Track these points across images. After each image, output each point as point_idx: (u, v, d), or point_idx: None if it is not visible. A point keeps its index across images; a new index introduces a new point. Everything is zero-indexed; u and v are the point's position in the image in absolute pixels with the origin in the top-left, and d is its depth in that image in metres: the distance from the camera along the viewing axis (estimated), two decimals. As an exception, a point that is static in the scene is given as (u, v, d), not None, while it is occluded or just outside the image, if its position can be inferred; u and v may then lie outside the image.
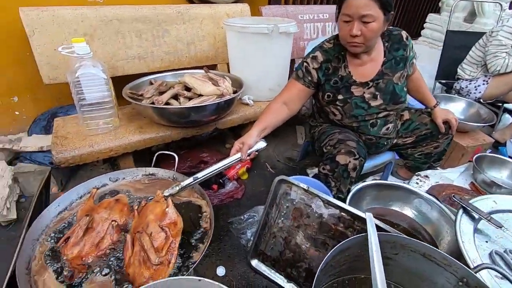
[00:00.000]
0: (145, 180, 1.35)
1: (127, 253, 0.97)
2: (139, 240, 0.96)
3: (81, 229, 1.02)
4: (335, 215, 1.26)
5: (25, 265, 0.93)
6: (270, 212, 1.41)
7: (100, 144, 1.46)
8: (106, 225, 1.07)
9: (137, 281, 0.90)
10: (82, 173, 1.96)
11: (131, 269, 0.93)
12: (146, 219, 1.03)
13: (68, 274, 0.91)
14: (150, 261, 0.91)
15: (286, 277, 1.39)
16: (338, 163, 1.39)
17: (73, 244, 1.00)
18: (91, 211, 1.11)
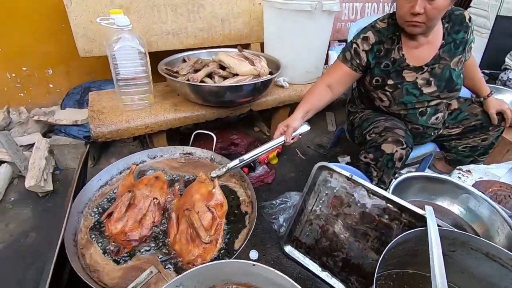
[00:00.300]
0: (182, 159, 1.32)
1: (172, 230, 0.95)
2: (187, 217, 0.94)
3: (124, 205, 1.01)
4: (380, 206, 1.20)
5: (72, 237, 0.93)
6: (308, 199, 1.36)
7: (136, 120, 1.43)
8: (147, 202, 1.06)
9: (184, 258, 0.89)
10: (113, 149, 1.96)
11: (177, 246, 0.91)
12: (192, 198, 1.00)
13: (115, 249, 0.90)
14: (201, 239, 0.89)
15: (321, 266, 1.36)
16: (383, 152, 1.31)
17: (116, 220, 0.99)
18: (132, 187, 1.09)
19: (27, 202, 1.57)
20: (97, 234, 0.97)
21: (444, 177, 1.42)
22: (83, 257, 0.89)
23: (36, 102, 2.00)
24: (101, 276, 0.84)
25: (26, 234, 1.42)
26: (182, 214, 0.98)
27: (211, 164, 1.31)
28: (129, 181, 1.12)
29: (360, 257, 1.25)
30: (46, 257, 1.31)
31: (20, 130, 1.81)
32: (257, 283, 0.80)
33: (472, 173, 1.75)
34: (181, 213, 0.98)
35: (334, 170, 1.29)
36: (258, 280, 0.79)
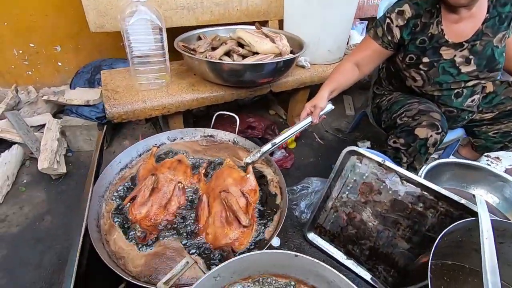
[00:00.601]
0: (203, 141, 1.25)
1: (203, 213, 0.89)
2: (224, 200, 0.89)
3: (148, 189, 0.95)
4: (415, 193, 1.13)
5: (94, 222, 0.88)
6: (334, 185, 1.30)
7: (153, 100, 1.35)
8: (171, 186, 1.00)
9: (219, 241, 0.84)
10: (125, 131, 1.90)
11: (211, 229, 0.86)
12: (225, 182, 0.95)
13: (141, 235, 0.84)
14: (241, 221, 0.85)
15: (346, 254, 1.31)
16: (416, 136, 1.23)
17: (140, 204, 0.93)
18: (155, 171, 1.03)
19: (40, 184, 1.52)
20: (120, 219, 0.91)
21: (478, 164, 1.35)
22: (107, 243, 0.84)
23: (44, 81, 1.92)
24: (126, 263, 0.80)
25: (41, 217, 1.38)
26: (214, 197, 0.93)
27: (234, 147, 1.24)
28: (150, 164, 1.06)
29: (389, 246, 1.20)
30: (63, 241, 1.29)
31: (30, 110, 1.74)
32: (296, 275, 0.75)
33: (501, 160, 1.67)
34: (213, 196, 0.93)
35: (364, 155, 1.21)
36: (298, 271, 0.74)
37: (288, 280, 0.76)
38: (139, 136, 1.85)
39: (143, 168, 1.05)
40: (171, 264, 0.79)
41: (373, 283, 1.23)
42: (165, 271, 0.78)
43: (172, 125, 1.52)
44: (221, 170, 1.03)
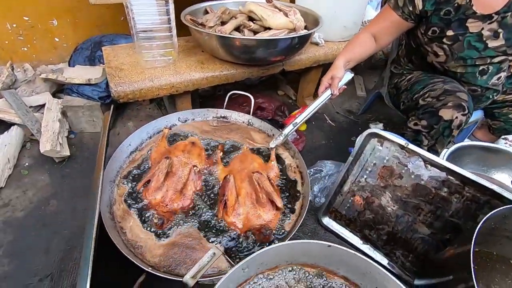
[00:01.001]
0: (214, 122, 1.18)
1: (231, 193, 0.85)
2: (258, 181, 0.85)
3: (162, 173, 0.89)
4: (439, 178, 1.08)
5: (107, 209, 0.82)
6: (352, 169, 1.25)
7: (160, 79, 1.27)
8: (186, 170, 0.94)
9: (251, 222, 0.82)
10: (129, 112, 1.82)
11: (242, 209, 0.82)
12: (252, 166, 0.91)
13: (159, 222, 0.79)
14: (276, 203, 0.84)
15: (362, 238, 1.28)
16: (440, 118, 1.17)
17: (155, 189, 0.88)
18: (168, 154, 0.97)
19: (43, 167, 1.46)
20: (133, 205, 0.86)
21: (501, 147, 1.30)
22: (122, 230, 0.79)
23: (41, 58, 1.81)
24: (144, 253, 0.75)
25: (46, 202, 1.32)
26: (242, 179, 0.89)
27: (246, 128, 1.18)
28: (163, 146, 1.00)
29: (409, 231, 1.16)
30: (71, 226, 1.24)
31: (28, 90, 1.65)
32: (326, 264, 0.71)
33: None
34: (240, 177, 0.89)
35: (386, 138, 1.15)
36: (328, 261, 0.70)
37: (317, 270, 0.72)
38: (145, 117, 1.77)
39: (155, 151, 0.98)
40: (191, 253, 0.75)
41: (390, 268, 1.21)
42: (185, 261, 0.74)
43: (180, 106, 1.44)
44: (243, 154, 0.98)
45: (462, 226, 1.05)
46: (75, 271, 1.11)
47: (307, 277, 0.71)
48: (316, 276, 0.70)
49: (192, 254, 0.75)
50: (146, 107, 1.85)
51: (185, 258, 0.74)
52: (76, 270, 1.11)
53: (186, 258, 0.74)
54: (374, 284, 0.65)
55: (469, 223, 1.04)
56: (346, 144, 1.78)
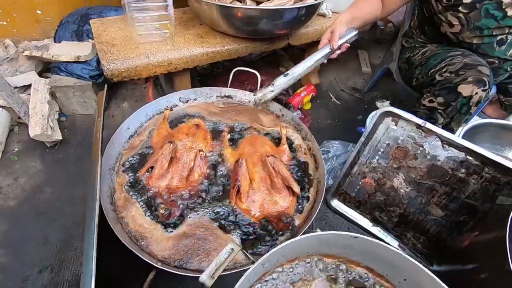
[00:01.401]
0: (220, 103, 1.10)
1: (244, 178, 0.78)
2: (273, 165, 0.80)
3: (166, 159, 0.82)
4: (457, 158, 1.03)
5: (108, 199, 0.75)
6: (363, 150, 1.19)
7: (156, 55, 1.16)
8: (191, 155, 0.87)
9: (268, 209, 0.77)
10: (124, 92, 1.70)
11: (257, 196, 0.77)
12: (263, 149, 0.84)
13: (165, 213, 0.73)
14: (294, 188, 0.79)
15: (372, 221, 1.25)
16: (459, 94, 1.10)
17: (158, 176, 0.80)
18: (171, 138, 0.89)
19: (34, 153, 1.37)
20: (136, 193, 0.79)
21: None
22: (124, 220, 0.73)
23: (23, 33, 1.65)
24: (150, 244, 0.69)
25: (40, 189, 1.25)
26: (254, 163, 0.83)
27: (254, 110, 1.10)
28: (164, 129, 0.92)
29: (421, 213, 1.13)
30: (67, 214, 1.18)
31: (10, 69, 1.52)
32: (349, 255, 0.66)
33: (531, 119, 1.57)
34: (252, 161, 0.83)
35: (402, 117, 1.09)
36: (351, 251, 0.65)
37: (337, 260, 0.67)
38: (147, 97, 1.66)
39: (157, 134, 0.90)
40: (204, 245, 0.70)
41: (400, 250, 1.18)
42: (198, 254, 0.68)
43: (179, 85, 1.34)
44: (253, 137, 0.91)
45: (479, 207, 1.02)
46: (76, 261, 1.06)
47: (328, 268, 0.66)
48: (338, 267, 0.66)
49: (205, 245, 0.70)
50: (141, 86, 1.74)
51: (198, 250, 0.69)
52: (76, 260, 1.06)
53: (199, 250, 0.69)
54: (402, 275, 0.61)
55: (486, 204, 1.01)
56: (352, 123, 1.71)
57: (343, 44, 1.09)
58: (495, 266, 0.69)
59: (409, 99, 1.85)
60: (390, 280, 0.64)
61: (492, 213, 0.99)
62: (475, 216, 1.03)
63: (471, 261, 0.90)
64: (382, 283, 0.64)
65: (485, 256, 0.84)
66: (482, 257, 0.88)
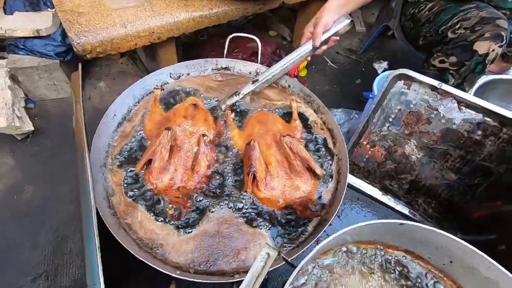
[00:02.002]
0: (217, 76, 0.96)
1: (260, 162, 0.69)
2: (290, 146, 0.71)
3: (165, 148, 0.70)
4: (474, 120, 0.98)
5: (105, 202, 0.64)
6: (372, 117, 1.11)
7: (135, 24, 0.98)
8: (194, 141, 0.75)
9: (291, 196, 0.70)
10: (97, 70, 1.50)
11: (276, 182, 0.69)
12: (275, 127, 0.75)
13: (175, 213, 0.63)
14: (316, 171, 0.71)
15: (382, 189, 1.21)
16: (475, 52, 1.03)
17: (159, 170, 0.69)
18: (167, 123, 0.76)
19: (3, 148, 1.19)
20: (138, 193, 0.68)
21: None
22: (130, 228, 0.62)
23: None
24: (167, 252, 0.60)
25: (19, 188, 1.10)
26: (267, 144, 0.74)
27: (257, 81, 0.97)
28: (157, 113, 0.79)
29: (433, 178, 1.10)
30: (55, 213, 1.06)
31: (-45, 50, 1.27)
32: (388, 240, 0.60)
33: (531, 72, 1.54)
34: (265, 143, 0.74)
35: (415, 79, 1.01)
36: (389, 237, 0.59)
37: (375, 246, 0.61)
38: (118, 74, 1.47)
39: (150, 120, 0.77)
40: (231, 243, 0.62)
41: (411, 216, 1.17)
42: (225, 253, 0.61)
43: (163, 57, 1.17)
44: (261, 114, 0.81)
45: (494, 169, 0.99)
46: (72, 264, 0.96)
47: (364, 255, 0.61)
48: (376, 253, 0.60)
49: (232, 244, 0.61)
50: (117, 62, 1.54)
51: (224, 249, 0.61)
52: (73, 263, 0.96)
53: (225, 250, 0.60)
54: (448, 258, 0.56)
55: (502, 166, 0.98)
56: (351, 87, 1.62)
57: (331, 37, 0.88)
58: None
59: (408, 59, 1.77)
60: (433, 263, 0.59)
61: (508, 174, 0.97)
62: (489, 178, 1.01)
63: (488, 231, 0.89)
64: (427, 268, 0.59)
65: (504, 228, 0.82)
66: (500, 228, 0.87)
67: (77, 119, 0.70)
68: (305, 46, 0.90)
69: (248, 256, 0.61)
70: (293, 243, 0.63)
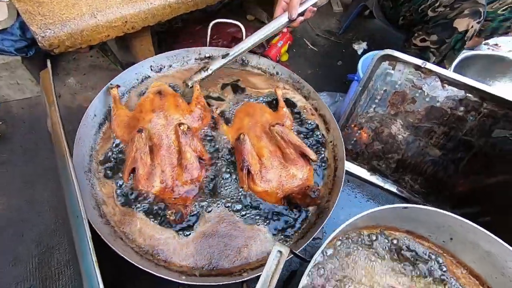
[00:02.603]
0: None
1: (252, 156, 0.67)
2: (281, 134, 0.69)
3: (144, 153, 0.66)
4: (457, 97, 1.01)
5: (96, 212, 0.59)
6: (359, 100, 1.12)
7: (105, 13, 0.89)
8: (171, 134, 0.71)
9: (288, 185, 0.68)
10: (65, 65, 1.38)
11: (272, 174, 0.67)
12: (264, 118, 0.74)
13: (177, 217, 0.60)
14: (310, 156, 0.69)
15: (370, 170, 1.24)
16: (455, 30, 1.04)
17: (146, 176, 0.65)
18: (136, 123, 0.71)
19: (-34, 157, 1.08)
20: (132, 199, 0.63)
21: (506, 55, 1.25)
22: (127, 237, 0.58)
23: None
24: (169, 257, 0.57)
25: (-10, 201, 1.01)
26: (257, 136, 0.72)
27: (242, 71, 0.93)
28: (123, 115, 0.73)
29: (419, 156, 1.14)
30: (35, 224, 0.98)
31: None
32: (387, 223, 0.61)
33: (501, 46, 1.60)
34: (254, 135, 0.72)
35: (400, 59, 1.01)
36: (391, 219, 0.60)
37: (378, 230, 0.62)
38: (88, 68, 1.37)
39: (118, 125, 0.71)
40: (230, 242, 0.60)
41: (399, 193, 1.21)
42: (226, 253, 0.59)
43: (139, 48, 1.09)
44: (248, 105, 0.78)
45: (475, 143, 1.04)
46: (62, 275, 0.91)
47: (364, 238, 0.61)
48: (378, 236, 0.61)
49: (232, 242, 0.59)
50: (86, 55, 1.42)
51: (225, 249, 0.59)
52: (62, 274, 0.91)
53: (226, 250, 0.58)
54: (448, 235, 0.58)
55: (482, 139, 1.02)
56: (333, 70, 1.62)
57: (308, 9, 0.84)
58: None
59: (387, 38, 1.78)
60: (433, 241, 0.61)
61: (487, 146, 1.02)
62: (470, 151, 1.06)
63: (473, 204, 0.94)
64: (428, 246, 0.61)
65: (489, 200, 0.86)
66: (485, 200, 0.92)
67: (53, 123, 0.63)
68: (280, 19, 0.84)
69: (251, 253, 0.60)
70: (295, 235, 0.62)
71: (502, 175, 0.94)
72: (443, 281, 0.58)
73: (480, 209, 0.94)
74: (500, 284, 0.55)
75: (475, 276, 0.58)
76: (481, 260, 0.55)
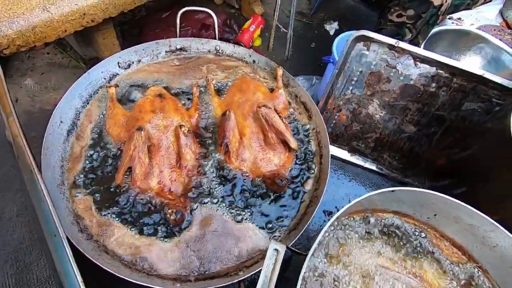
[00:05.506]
0: (174, 60, 0.85)
1: (233, 134, 0.66)
2: (265, 117, 0.68)
3: (143, 151, 0.62)
4: (429, 74, 1.04)
5: (75, 227, 0.55)
6: (336, 82, 1.12)
7: (59, 5, 0.80)
8: (171, 135, 0.68)
9: (262, 169, 0.68)
10: (19, 65, 1.25)
11: (248, 154, 0.67)
12: (255, 96, 0.72)
13: (177, 216, 0.57)
14: (290, 144, 0.70)
15: (350, 151, 1.27)
16: (430, 4, 1.06)
17: (144, 176, 0.62)
18: (135, 123, 0.67)
19: None
20: (108, 208, 0.60)
21: (471, 29, 1.29)
22: (106, 248, 0.55)
23: None
24: (155, 265, 0.55)
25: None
26: (244, 114, 0.71)
27: (219, 61, 0.89)
28: (120, 114, 0.68)
29: (395, 133, 1.17)
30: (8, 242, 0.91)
31: None
32: (376, 206, 0.62)
33: (463, 20, 1.66)
34: (242, 113, 0.71)
35: (374, 40, 1.01)
36: (379, 202, 0.61)
37: (364, 214, 0.64)
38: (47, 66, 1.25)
39: (114, 124, 0.67)
40: (219, 243, 0.58)
41: (378, 171, 1.25)
42: (217, 256, 0.57)
43: (102, 42, 1.01)
44: (243, 81, 0.76)
45: (447, 117, 1.08)
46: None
47: (354, 223, 0.62)
48: (371, 219, 0.62)
49: (221, 243, 0.58)
50: (42, 53, 1.30)
51: (215, 250, 0.57)
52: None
53: (216, 251, 0.57)
54: (432, 212, 0.60)
55: (453, 113, 1.07)
56: (307, 52, 1.60)
57: None
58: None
59: (357, 17, 1.78)
60: (418, 218, 0.63)
61: (458, 120, 1.07)
62: (443, 125, 1.11)
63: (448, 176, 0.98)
64: (413, 223, 0.63)
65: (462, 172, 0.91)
66: (458, 172, 0.97)
67: (14, 135, 0.57)
68: None
69: (242, 252, 0.60)
70: (285, 228, 0.62)
71: (473, 147, 0.99)
72: (429, 253, 0.61)
73: (455, 180, 0.99)
74: (481, 252, 0.58)
75: (458, 247, 0.61)
76: (463, 232, 0.58)
